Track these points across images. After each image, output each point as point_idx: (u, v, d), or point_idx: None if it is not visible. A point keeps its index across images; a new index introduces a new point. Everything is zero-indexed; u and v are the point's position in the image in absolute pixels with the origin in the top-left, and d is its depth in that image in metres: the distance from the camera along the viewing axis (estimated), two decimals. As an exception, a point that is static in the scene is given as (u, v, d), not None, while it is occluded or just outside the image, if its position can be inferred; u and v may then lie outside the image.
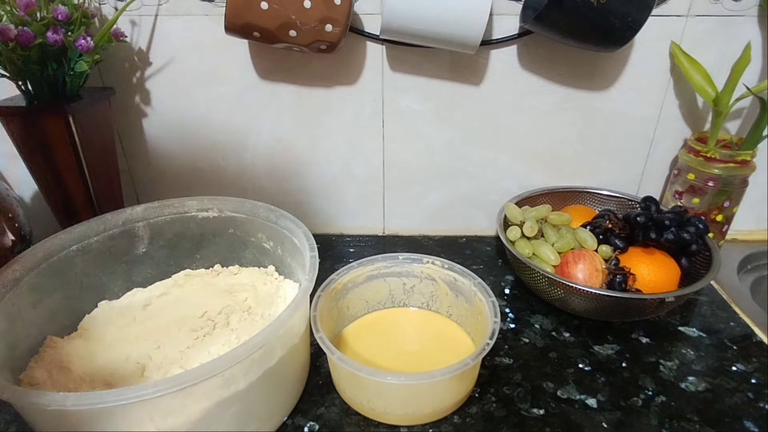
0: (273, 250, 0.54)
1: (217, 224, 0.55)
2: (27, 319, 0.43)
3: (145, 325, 0.48)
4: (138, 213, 0.52)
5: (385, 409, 0.42)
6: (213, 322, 0.48)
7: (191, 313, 0.49)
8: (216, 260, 0.57)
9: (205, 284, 0.54)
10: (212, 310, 0.49)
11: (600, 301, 0.50)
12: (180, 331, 0.47)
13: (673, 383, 0.47)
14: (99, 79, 0.62)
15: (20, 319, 0.42)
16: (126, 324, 0.48)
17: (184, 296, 0.52)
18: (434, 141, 0.66)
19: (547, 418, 0.44)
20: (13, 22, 0.49)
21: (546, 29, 0.53)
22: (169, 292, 0.53)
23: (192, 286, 0.54)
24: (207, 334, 0.47)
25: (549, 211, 0.59)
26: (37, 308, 0.44)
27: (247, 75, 0.62)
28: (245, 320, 0.49)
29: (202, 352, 0.45)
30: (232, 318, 0.49)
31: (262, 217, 0.53)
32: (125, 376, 0.43)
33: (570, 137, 0.66)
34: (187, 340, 0.46)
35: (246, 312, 0.50)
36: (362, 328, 0.53)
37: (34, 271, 0.44)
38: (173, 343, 0.45)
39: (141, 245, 0.53)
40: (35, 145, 0.54)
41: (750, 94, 0.58)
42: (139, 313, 0.50)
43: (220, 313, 0.49)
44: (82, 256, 0.48)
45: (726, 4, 0.58)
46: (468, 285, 0.49)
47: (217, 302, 0.50)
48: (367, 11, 0.58)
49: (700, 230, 0.53)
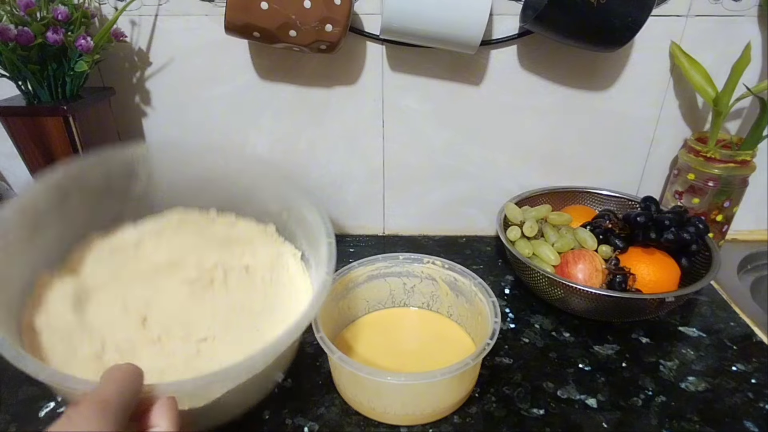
0: (277, 213, 0.53)
1: (221, 173, 0.53)
2: (23, 257, 0.42)
3: (137, 266, 0.47)
4: (141, 152, 0.50)
5: (386, 409, 0.42)
6: (210, 276, 0.47)
7: (185, 258, 0.48)
8: (212, 204, 0.55)
9: (200, 229, 0.52)
10: (207, 259, 0.48)
11: (600, 301, 0.50)
12: (174, 278, 0.46)
13: (673, 383, 0.47)
14: (99, 79, 0.62)
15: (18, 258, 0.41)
16: (118, 264, 0.47)
17: (177, 238, 0.51)
18: (434, 141, 0.66)
19: (547, 418, 0.44)
20: (13, 22, 0.49)
21: (546, 29, 0.53)
22: (161, 232, 0.51)
23: (185, 230, 0.52)
24: (204, 287, 0.46)
25: (549, 211, 0.59)
26: (32, 245, 0.43)
27: (247, 75, 0.62)
28: (244, 281, 0.47)
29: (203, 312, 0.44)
30: (229, 276, 0.48)
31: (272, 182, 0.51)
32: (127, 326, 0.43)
33: (570, 137, 0.66)
34: (183, 291, 0.45)
35: (244, 271, 0.49)
36: (363, 328, 0.53)
37: (33, 209, 0.43)
38: (170, 293, 0.45)
39: (139, 184, 0.52)
40: (35, 145, 0.54)
41: (750, 94, 0.58)
42: (131, 252, 0.49)
43: (217, 266, 0.48)
44: (78, 192, 0.47)
45: (726, 4, 0.58)
46: (468, 285, 0.49)
47: (213, 253, 0.49)
48: (367, 11, 0.58)
49: (700, 230, 0.53)
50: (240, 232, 0.53)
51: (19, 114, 0.53)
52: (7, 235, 0.40)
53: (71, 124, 0.53)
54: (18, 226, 0.41)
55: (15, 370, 0.47)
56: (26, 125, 0.53)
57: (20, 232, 0.42)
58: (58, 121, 0.53)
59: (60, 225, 0.46)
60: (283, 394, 0.46)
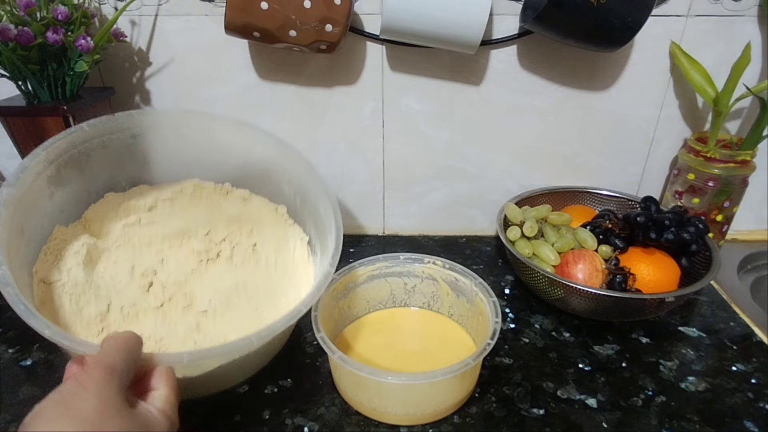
0: (291, 196, 0.53)
1: (242, 150, 0.53)
2: (43, 210, 0.43)
3: (149, 231, 0.48)
4: (165, 119, 0.51)
5: (386, 408, 0.42)
6: (217, 249, 0.48)
7: (195, 228, 0.48)
8: (228, 177, 0.56)
9: (213, 201, 0.53)
10: (217, 233, 0.48)
11: (600, 301, 0.50)
12: (184, 247, 0.47)
13: (673, 383, 0.47)
14: (99, 79, 0.62)
15: (36, 210, 0.42)
16: (130, 225, 0.48)
17: (191, 208, 0.51)
18: (434, 141, 0.66)
19: (547, 418, 0.44)
20: (13, 22, 0.49)
21: (546, 29, 0.53)
22: (175, 198, 0.52)
23: (199, 199, 0.53)
24: (210, 259, 0.47)
25: (549, 211, 0.59)
26: (52, 199, 0.44)
27: (247, 75, 0.62)
28: (250, 259, 0.48)
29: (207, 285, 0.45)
30: (236, 252, 0.48)
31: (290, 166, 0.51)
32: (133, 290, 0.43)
33: (570, 137, 0.66)
34: (190, 262, 0.46)
35: (251, 249, 0.49)
36: (363, 328, 0.53)
37: (55, 164, 0.43)
38: (177, 261, 0.45)
39: (159, 147, 0.52)
40: (35, 145, 0.53)
41: (750, 94, 0.58)
42: (144, 215, 0.49)
43: (225, 240, 0.48)
44: (100, 150, 0.47)
45: (726, 4, 0.58)
46: (469, 285, 0.49)
47: (223, 226, 0.49)
48: (367, 11, 0.58)
49: (700, 230, 0.53)
50: (252, 208, 0.53)
51: (19, 114, 0.53)
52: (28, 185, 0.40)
53: (71, 124, 0.53)
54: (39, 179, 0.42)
55: (15, 370, 0.48)
56: (26, 125, 0.53)
57: (41, 185, 0.42)
58: (58, 121, 0.53)
59: (81, 182, 0.47)
60: (283, 394, 0.46)
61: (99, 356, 0.29)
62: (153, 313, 0.44)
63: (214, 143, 0.53)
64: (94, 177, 0.49)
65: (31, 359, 0.49)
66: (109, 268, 0.45)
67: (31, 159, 0.41)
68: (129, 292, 0.44)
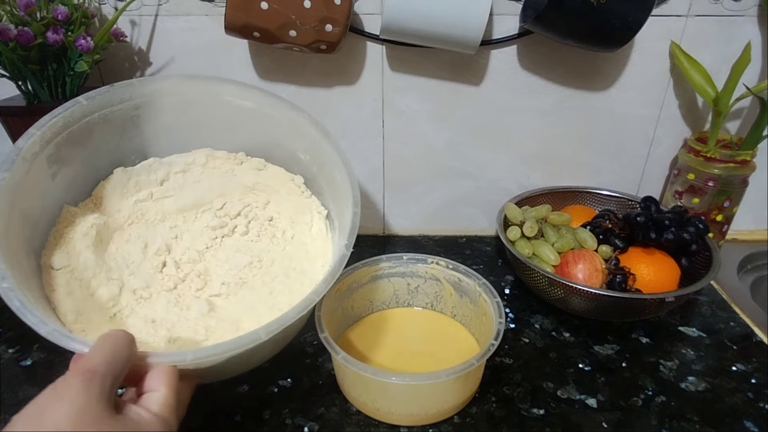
0: (307, 165, 0.50)
1: (251, 116, 0.50)
2: (46, 193, 0.41)
3: (162, 205, 0.46)
4: (169, 86, 0.48)
5: (390, 409, 0.42)
6: (232, 224, 0.45)
7: (210, 201, 0.46)
8: (241, 146, 0.53)
9: (226, 171, 0.51)
10: (232, 206, 0.46)
11: (600, 301, 0.50)
12: (198, 221, 0.45)
13: (673, 383, 0.47)
14: (99, 79, 0.62)
15: (39, 192, 0.40)
16: (142, 200, 0.46)
17: (204, 179, 0.49)
18: (434, 141, 0.66)
19: (547, 418, 0.44)
20: (13, 22, 0.49)
21: (546, 29, 0.53)
22: (187, 170, 0.50)
23: (213, 170, 0.50)
24: (225, 235, 0.45)
25: (549, 211, 0.59)
26: (55, 180, 0.42)
27: (247, 75, 0.62)
28: (266, 233, 0.46)
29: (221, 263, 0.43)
30: (252, 226, 0.46)
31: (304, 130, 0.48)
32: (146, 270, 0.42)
33: (570, 137, 0.66)
34: (205, 239, 0.44)
35: (268, 222, 0.47)
36: (366, 328, 0.53)
37: (54, 142, 0.41)
38: (192, 238, 0.43)
39: (166, 117, 0.49)
40: (35, 145, 0.54)
41: (750, 94, 0.58)
42: (156, 188, 0.47)
43: (240, 214, 0.46)
44: (103, 125, 0.45)
45: (726, 4, 0.58)
46: (473, 285, 0.49)
47: (238, 196, 0.47)
48: (367, 11, 0.58)
49: (700, 230, 0.53)
50: (267, 177, 0.51)
51: (19, 114, 0.53)
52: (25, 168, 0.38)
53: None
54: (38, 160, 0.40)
55: (15, 370, 0.48)
56: (26, 125, 0.53)
57: (40, 166, 0.40)
58: (58, 121, 0.53)
59: (85, 159, 0.45)
60: (283, 394, 0.46)
61: (81, 360, 0.28)
62: (165, 297, 0.42)
63: (222, 110, 0.50)
64: (99, 153, 0.46)
65: (31, 359, 0.49)
66: (121, 248, 0.43)
67: (25, 140, 0.38)
68: (142, 273, 0.42)
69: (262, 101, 0.50)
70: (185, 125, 0.50)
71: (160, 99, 0.48)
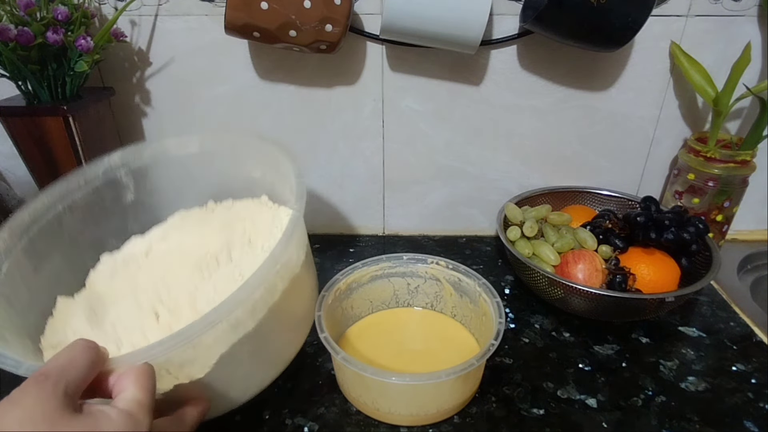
0: (262, 179, 0.53)
1: (201, 160, 0.53)
2: (32, 284, 0.42)
3: (150, 272, 0.47)
4: (116, 160, 0.50)
5: (390, 409, 0.42)
6: (216, 260, 0.47)
7: (194, 253, 0.48)
8: (208, 197, 0.56)
9: (202, 222, 0.53)
10: (214, 247, 0.48)
11: (600, 301, 0.50)
12: (185, 271, 0.46)
13: (673, 383, 0.47)
14: (99, 79, 0.62)
15: (24, 286, 0.41)
16: (131, 273, 0.48)
17: (184, 238, 0.51)
18: (434, 141, 0.66)
19: (547, 418, 0.44)
20: (13, 22, 0.49)
21: (546, 29, 0.53)
22: (168, 236, 0.52)
23: (190, 227, 0.52)
24: (212, 272, 0.46)
25: (549, 211, 0.59)
26: (39, 273, 0.43)
27: (247, 75, 0.62)
28: (247, 254, 0.47)
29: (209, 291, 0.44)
30: (234, 253, 0.48)
31: (245, 146, 0.51)
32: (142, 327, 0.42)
33: (570, 137, 0.66)
34: (194, 280, 0.45)
35: (247, 244, 0.48)
36: (366, 328, 0.53)
37: (25, 237, 0.43)
38: (182, 285, 0.44)
39: (128, 193, 0.52)
40: (35, 145, 0.54)
41: (750, 94, 0.58)
42: (143, 261, 0.49)
43: (222, 249, 0.48)
44: (70, 214, 0.47)
45: (726, 4, 0.58)
46: (473, 285, 0.49)
47: (217, 238, 0.49)
48: (367, 11, 0.58)
49: (700, 230, 0.53)
50: (238, 211, 0.53)
51: (19, 114, 0.53)
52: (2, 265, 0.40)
53: (71, 124, 0.53)
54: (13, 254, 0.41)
55: (15, 371, 0.48)
56: (26, 125, 0.53)
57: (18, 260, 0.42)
58: (58, 121, 0.53)
59: (64, 250, 0.47)
60: (283, 394, 0.46)
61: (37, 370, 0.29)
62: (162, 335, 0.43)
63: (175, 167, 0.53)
64: (76, 243, 0.48)
65: (31, 359, 0.49)
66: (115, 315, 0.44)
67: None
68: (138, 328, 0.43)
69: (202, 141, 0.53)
70: (149, 193, 0.53)
71: (114, 176, 0.50)
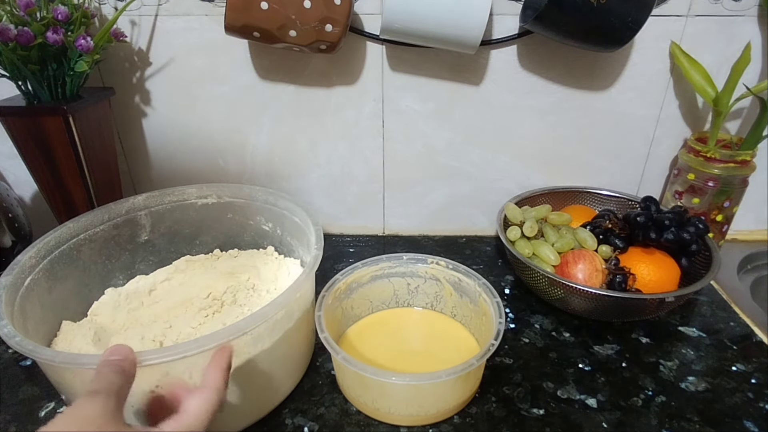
0: (272, 231, 0.56)
1: (216, 210, 0.57)
2: (45, 302, 0.45)
3: (153, 309, 0.49)
4: (140, 202, 0.54)
5: (390, 409, 0.42)
6: (220, 301, 0.49)
7: (196, 294, 0.50)
8: (215, 245, 0.59)
9: (206, 268, 0.55)
10: (217, 291, 0.50)
11: (600, 301, 0.50)
12: (188, 311, 0.48)
13: (673, 383, 0.47)
14: (99, 79, 0.62)
15: (39, 303, 0.44)
16: (134, 308, 0.49)
17: (187, 280, 0.53)
18: (434, 141, 0.66)
19: (547, 418, 0.44)
20: (13, 22, 0.49)
21: (546, 29, 0.53)
22: (171, 278, 0.54)
23: (194, 271, 0.55)
24: (216, 311, 0.48)
25: (549, 211, 0.59)
26: (52, 294, 0.46)
27: (247, 75, 0.62)
28: (252, 297, 0.50)
29: (216, 326, 0.46)
30: (238, 296, 0.50)
31: (261, 200, 0.55)
32: None
33: (570, 137, 0.66)
34: (197, 319, 0.46)
35: (251, 290, 0.51)
36: (366, 328, 0.53)
37: (48, 258, 0.46)
38: (185, 322, 0.46)
39: (143, 233, 0.55)
40: (35, 145, 0.54)
41: (750, 94, 0.58)
42: (146, 298, 0.51)
43: (225, 292, 0.50)
44: (89, 244, 0.50)
45: (726, 4, 0.58)
46: (473, 285, 0.49)
47: (221, 284, 0.51)
48: (367, 11, 0.58)
49: (700, 230, 0.53)
50: (243, 261, 0.56)
51: (19, 114, 0.53)
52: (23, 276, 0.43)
53: (71, 124, 0.53)
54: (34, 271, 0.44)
55: (15, 370, 0.48)
56: (26, 125, 0.53)
57: (38, 277, 0.44)
58: (58, 121, 0.53)
59: (77, 277, 0.49)
60: (283, 394, 0.46)
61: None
62: None
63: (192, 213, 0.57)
64: (89, 272, 0.51)
65: (30, 359, 0.49)
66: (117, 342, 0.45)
67: (23, 254, 0.44)
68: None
69: (221, 192, 0.56)
70: (162, 235, 0.57)
71: (135, 215, 0.54)
